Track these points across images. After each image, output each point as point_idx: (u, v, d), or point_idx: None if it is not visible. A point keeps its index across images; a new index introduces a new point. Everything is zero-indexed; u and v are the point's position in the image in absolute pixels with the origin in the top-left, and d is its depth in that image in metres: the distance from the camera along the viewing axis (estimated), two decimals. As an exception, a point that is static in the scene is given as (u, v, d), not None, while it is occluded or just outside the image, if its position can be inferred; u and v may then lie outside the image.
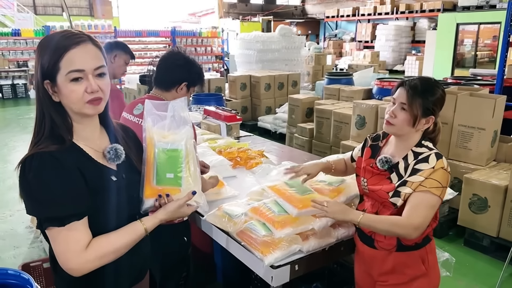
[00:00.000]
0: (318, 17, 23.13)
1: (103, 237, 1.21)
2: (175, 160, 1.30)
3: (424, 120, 1.57)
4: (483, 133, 3.61)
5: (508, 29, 4.81)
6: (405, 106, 1.56)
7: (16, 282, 1.35)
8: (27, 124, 8.38)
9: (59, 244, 1.15)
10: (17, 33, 12.11)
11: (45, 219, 1.14)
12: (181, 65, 2.07)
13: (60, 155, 1.15)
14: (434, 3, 16.00)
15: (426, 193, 1.52)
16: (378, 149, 1.74)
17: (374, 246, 1.68)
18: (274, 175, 2.07)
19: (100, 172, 1.25)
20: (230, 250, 1.86)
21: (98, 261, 1.18)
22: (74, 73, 1.15)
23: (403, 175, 1.58)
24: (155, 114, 1.34)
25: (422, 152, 1.59)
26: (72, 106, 1.19)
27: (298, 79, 8.15)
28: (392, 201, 1.59)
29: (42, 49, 1.18)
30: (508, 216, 3.23)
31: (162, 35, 13.99)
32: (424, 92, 1.55)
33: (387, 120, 1.61)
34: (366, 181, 1.71)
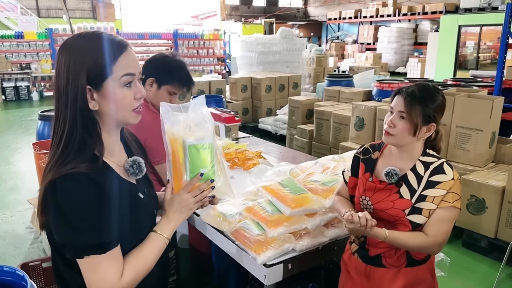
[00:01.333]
0: (320, 19, 23.16)
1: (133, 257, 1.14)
2: (207, 155, 1.28)
3: (425, 128, 1.48)
4: (481, 134, 3.62)
5: (507, 31, 4.82)
6: (403, 115, 1.47)
7: (11, 279, 1.37)
8: (29, 126, 8.43)
9: (98, 274, 1.04)
10: (20, 36, 12.21)
11: (83, 247, 1.03)
12: (151, 61, 2.11)
13: (97, 176, 1.06)
14: (436, 5, 16.00)
15: (450, 208, 1.46)
16: (374, 162, 1.62)
17: (382, 264, 1.58)
18: (269, 175, 2.09)
19: (130, 190, 1.18)
20: (225, 249, 1.88)
21: (134, 282, 1.12)
22: (127, 76, 1.09)
23: (415, 188, 1.49)
24: (173, 114, 1.30)
25: (432, 162, 1.52)
26: (118, 113, 1.11)
27: (299, 81, 8.17)
28: (410, 219, 1.49)
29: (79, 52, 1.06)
30: (505, 217, 3.24)
31: (164, 37, 14.07)
32: (423, 99, 1.47)
33: (386, 130, 1.52)
34: (369, 200, 1.57)
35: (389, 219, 1.53)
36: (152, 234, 1.20)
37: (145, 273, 1.15)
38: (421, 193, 1.48)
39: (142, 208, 1.20)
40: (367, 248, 1.60)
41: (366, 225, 1.43)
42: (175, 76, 2.12)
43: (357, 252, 1.66)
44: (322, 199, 1.82)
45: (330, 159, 2.32)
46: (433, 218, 1.47)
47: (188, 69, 2.19)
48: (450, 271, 3.01)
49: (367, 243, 1.60)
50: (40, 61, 12.24)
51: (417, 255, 1.56)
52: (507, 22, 4.80)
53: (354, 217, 1.45)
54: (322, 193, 1.87)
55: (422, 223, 1.49)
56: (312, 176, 2.06)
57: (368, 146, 1.69)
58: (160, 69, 2.11)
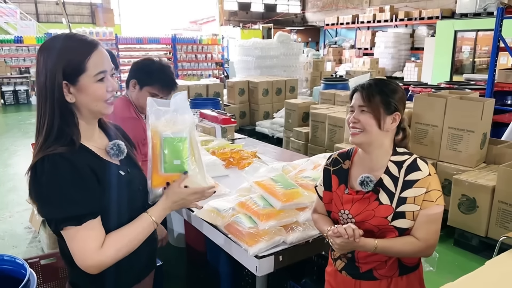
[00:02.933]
0: (318, 24, 23.30)
1: (116, 233, 1.24)
2: (181, 147, 1.36)
3: (390, 118, 1.44)
4: (472, 135, 3.68)
5: (498, 35, 4.90)
6: (364, 108, 1.43)
7: (11, 268, 1.42)
8: (28, 129, 8.49)
9: (76, 243, 1.17)
10: (20, 40, 12.29)
11: (61, 220, 1.15)
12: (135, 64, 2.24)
13: (71, 156, 1.17)
14: (432, 10, 16.11)
15: (435, 207, 1.40)
16: (346, 172, 1.55)
17: (374, 277, 1.51)
18: (262, 172, 2.15)
19: (109, 169, 1.28)
20: (219, 243, 1.94)
21: (115, 256, 1.21)
22: (101, 74, 1.22)
23: (393, 191, 1.42)
24: (157, 109, 1.39)
25: (404, 160, 1.45)
26: (92, 105, 1.23)
27: (295, 85, 8.24)
28: (395, 225, 1.42)
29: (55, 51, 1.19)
30: (496, 216, 3.30)
31: (162, 42, 14.14)
32: (380, 89, 1.44)
33: (352, 128, 1.46)
34: (349, 213, 1.48)
35: (374, 230, 1.44)
36: (142, 214, 1.31)
37: (128, 249, 1.25)
38: (400, 195, 1.41)
39: (124, 184, 1.30)
40: (358, 266, 1.53)
41: (354, 235, 1.36)
42: (155, 78, 2.20)
43: (344, 269, 1.57)
44: (312, 194, 1.88)
45: (322, 157, 2.39)
46: (419, 221, 1.41)
47: (171, 72, 2.26)
48: (442, 269, 3.08)
49: (356, 260, 1.52)
50: (39, 65, 12.28)
51: (409, 261, 1.50)
52: (498, 26, 4.89)
53: (340, 229, 1.38)
54: (313, 189, 1.93)
55: (408, 227, 1.42)
56: (303, 172, 2.13)
57: (336, 155, 1.61)
58: (141, 71, 2.22)
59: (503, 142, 4.08)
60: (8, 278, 1.46)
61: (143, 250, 1.34)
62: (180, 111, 1.40)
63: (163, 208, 1.34)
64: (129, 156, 1.38)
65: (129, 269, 1.34)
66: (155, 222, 1.32)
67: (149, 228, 1.31)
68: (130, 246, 1.26)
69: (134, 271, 1.38)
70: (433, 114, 3.93)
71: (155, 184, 1.37)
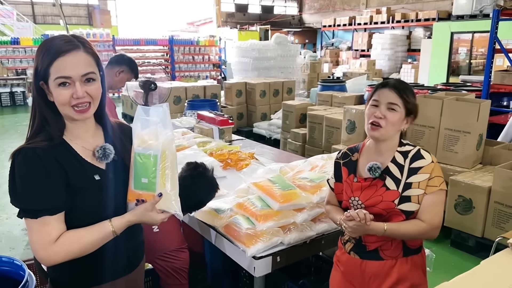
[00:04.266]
0: (315, 26, 23.35)
1: (72, 233, 1.26)
2: (149, 166, 1.30)
3: (409, 119, 1.57)
4: (469, 136, 3.70)
5: (494, 37, 4.93)
6: (393, 106, 1.52)
7: (9, 269, 1.42)
8: (25, 131, 8.29)
9: (32, 235, 1.23)
10: (16, 42, 12.26)
11: (21, 210, 1.23)
12: None
13: (43, 151, 1.22)
14: (429, 12, 16.19)
15: (439, 192, 1.53)
16: (355, 164, 1.66)
17: (380, 257, 1.60)
18: (260, 173, 2.16)
19: (84, 170, 1.30)
20: (217, 245, 1.95)
21: (65, 256, 1.24)
22: (60, 79, 1.22)
23: (399, 178, 1.54)
24: (144, 119, 1.35)
25: (409, 150, 1.57)
26: (60, 108, 1.25)
27: (293, 86, 8.26)
28: (402, 209, 1.53)
29: (38, 53, 1.26)
30: (492, 217, 3.32)
31: (160, 43, 14.15)
32: (409, 90, 1.56)
33: (375, 123, 1.53)
34: (358, 199, 1.60)
35: (382, 213, 1.55)
36: (104, 222, 1.29)
37: (80, 252, 1.25)
38: (406, 181, 1.54)
39: (94, 189, 1.30)
40: (364, 245, 1.62)
41: (365, 218, 1.48)
42: None
43: (352, 250, 1.66)
44: (310, 195, 1.89)
45: (319, 158, 2.40)
46: (425, 204, 1.53)
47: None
48: (439, 270, 3.09)
49: (363, 240, 1.62)
50: (36, 67, 12.27)
51: (413, 244, 1.60)
52: (493, 28, 4.92)
53: (352, 213, 1.50)
54: (310, 189, 1.95)
55: (414, 210, 1.53)
56: (301, 173, 2.14)
57: (346, 150, 1.73)
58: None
59: (499, 143, 4.11)
60: (6, 279, 1.46)
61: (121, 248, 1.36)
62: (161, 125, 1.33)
63: (128, 221, 1.31)
64: (121, 162, 1.37)
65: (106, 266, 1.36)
66: (114, 232, 1.29)
67: (107, 236, 1.29)
68: (83, 250, 1.26)
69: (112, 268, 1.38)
70: (430, 115, 3.95)
71: (129, 199, 1.35)
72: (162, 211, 1.33)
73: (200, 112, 3.95)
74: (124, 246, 1.38)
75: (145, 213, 1.30)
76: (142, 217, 1.31)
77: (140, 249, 1.53)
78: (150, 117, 1.34)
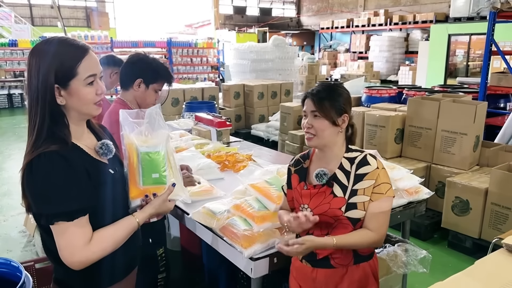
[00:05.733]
0: (313, 28, 23.42)
1: (103, 231, 1.30)
2: (158, 161, 1.41)
3: (340, 120, 1.57)
4: (465, 138, 3.72)
5: (490, 39, 4.96)
6: (317, 113, 1.55)
7: (6, 270, 1.42)
8: (22, 133, 8.46)
9: (65, 239, 1.21)
10: (14, 44, 12.26)
11: (54, 215, 1.19)
12: (133, 62, 2.19)
13: (66, 153, 1.23)
14: (426, 14, 16.26)
15: (384, 199, 1.53)
16: (305, 171, 1.67)
17: (330, 265, 1.60)
18: (257, 175, 2.17)
19: (99, 167, 1.34)
20: (214, 246, 1.95)
21: (101, 253, 1.27)
22: (91, 77, 1.28)
23: (346, 185, 1.54)
24: (131, 122, 1.44)
25: (355, 156, 1.58)
26: (82, 107, 1.29)
27: (291, 88, 8.27)
28: (349, 216, 1.54)
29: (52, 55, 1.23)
30: (489, 218, 3.33)
31: (158, 45, 14.16)
32: (328, 94, 1.57)
33: (307, 134, 1.59)
34: (308, 206, 1.61)
35: (329, 221, 1.56)
36: (129, 217, 1.38)
37: (113, 248, 1.31)
38: (352, 188, 1.54)
39: (114, 182, 1.37)
40: (315, 252, 1.61)
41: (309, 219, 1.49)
42: (162, 75, 2.21)
43: (304, 257, 1.66)
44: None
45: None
46: (370, 212, 1.53)
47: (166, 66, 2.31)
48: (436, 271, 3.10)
49: None
50: (34, 69, 12.26)
51: (363, 251, 1.61)
52: (490, 30, 4.95)
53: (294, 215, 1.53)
54: (307, 191, 1.95)
55: (360, 217, 1.54)
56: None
57: (298, 157, 1.75)
58: (146, 69, 2.19)
59: (496, 144, 4.12)
60: (3, 281, 1.46)
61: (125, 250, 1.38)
62: (155, 124, 1.45)
63: (149, 213, 1.40)
64: (116, 156, 1.44)
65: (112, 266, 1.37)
66: (139, 225, 1.38)
67: (134, 229, 1.37)
68: (115, 245, 1.32)
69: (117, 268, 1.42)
70: (427, 117, 3.96)
71: (133, 196, 1.42)
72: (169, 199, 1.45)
73: (198, 114, 3.95)
74: (125, 248, 1.39)
75: (162, 204, 1.41)
76: (160, 208, 1.41)
77: (138, 252, 1.56)
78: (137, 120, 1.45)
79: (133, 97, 2.22)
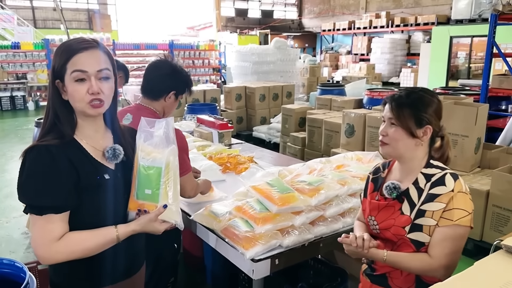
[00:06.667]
0: (315, 30, 23.44)
1: (76, 234, 1.27)
2: (153, 177, 1.35)
3: (421, 131, 1.41)
4: (467, 140, 3.72)
5: (492, 41, 4.97)
6: (393, 121, 1.43)
7: (10, 271, 1.44)
8: (25, 135, 8.49)
9: (35, 231, 1.25)
10: (17, 46, 12.29)
11: (27, 206, 1.25)
12: (168, 74, 2.12)
13: (56, 149, 1.24)
14: (428, 16, 16.27)
15: (453, 227, 1.34)
16: (382, 181, 1.55)
17: (388, 284, 1.49)
18: (259, 177, 2.18)
19: (95, 169, 1.32)
20: (215, 247, 1.96)
21: (66, 255, 1.25)
22: (77, 72, 1.25)
23: (416, 203, 1.40)
24: (148, 131, 1.40)
25: (434, 173, 1.41)
26: (75, 104, 1.28)
27: (292, 90, 8.29)
28: (411, 238, 1.40)
29: (56, 52, 1.30)
30: (490, 220, 3.33)
31: (160, 48, 14.19)
32: (411, 102, 1.43)
33: (381, 140, 1.47)
34: (375, 219, 1.49)
35: (393, 239, 1.44)
36: (110, 227, 1.32)
37: (82, 254, 1.27)
38: (420, 207, 1.39)
39: (104, 188, 1.33)
40: (374, 268, 1.54)
41: (363, 246, 1.39)
42: (190, 86, 2.22)
43: (365, 271, 1.60)
44: (308, 198, 1.91)
45: (317, 161, 2.42)
46: (435, 238, 1.36)
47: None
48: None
49: (374, 262, 1.54)
50: (36, 71, 12.32)
51: (428, 279, 1.41)
52: (491, 33, 4.96)
53: (351, 238, 1.42)
54: (308, 193, 1.96)
55: (425, 241, 1.38)
56: (299, 177, 2.15)
57: (380, 165, 1.63)
58: (180, 81, 2.17)
59: (497, 147, 4.12)
60: (7, 281, 1.48)
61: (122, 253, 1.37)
62: (165, 137, 1.38)
63: (133, 230, 1.35)
64: (129, 163, 1.40)
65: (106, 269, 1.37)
66: (118, 238, 1.32)
67: (111, 242, 1.31)
68: (86, 252, 1.28)
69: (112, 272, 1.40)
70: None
71: (130, 207, 1.39)
72: (163, 221, 1.37)
73: (199, 116, 3.97)
74: (124, 251, 1.39)
75: (149, 223, 1.35)
76: (146, 227, 1.35)
77: (140, 254, 1.54)
78: (154, 130, 1.39)
79: (162, 107, 2.16)
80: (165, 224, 1.38)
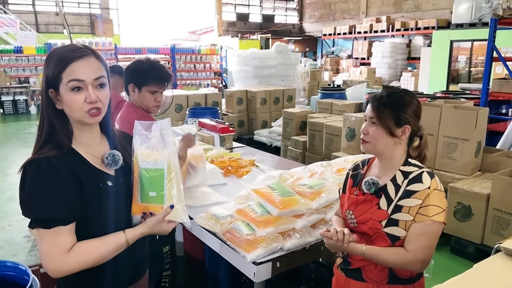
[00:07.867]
0: (316, 35, 23.49)
1: (86, 243, 1.26)
2: (157, 180, 1.35)
3: (399, 131, 1.47)
4: (467, 143, 3.74)
5: (492, 45, 4.99)
6: (374, 120, 1.48)
7: (14, 274, 1.45)
8: (27, 138, 8.52)
9: (43, 245, 1.22)
10: (19, 50, 12.37)
11: (33, 220, 1.22)
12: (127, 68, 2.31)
13: (57, 161, 1.22)
14: (428, 20, 16.30)
15: (430, 223, 1.39)
16: (361, 177, 1.61)
17: (362, 278, 1.54)
18: (260, 180, 2.19)
19: (97, 177, 1.31)
20: (217, 250, 1.97)
21: (78, 265, 1.24)
22: (74, 82, 1.22)
23: (393, 198, 1.45)
24: (143, 134, 1.39)
25: (411, 171, 1.47)
26: (73, 114, 1.26)
27: (293, 94, 8.31)
28: (387, 232, 1.45)
29: (48, 61, 1.26)
30: (491, 223, 3.34)
31: (161, 52, 14.26)
32: (391, 102, 1.48)
33: (362, 138, 1.53)
34: (352, 213, 1.55)
35: (369, 232, 1.50)
36: (118, 233, 1.32)
37: (93, 263, 1.27)
38: (397, 203, 1.44)
39: (110, 195, 1.32)
40: (349, 261, 1.59)
41: (343, 240, 1.44)
42: (149, 76, 2.24)
43: (340, 265, 1.65)
44: (309, 201, 1.92)
45: (318, 165, 2.43)
46: (411, 232, 1.42)
47: (161, 66, 2.31)
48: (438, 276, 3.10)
49: (349, 256, 1.59)
50: (38, 75, 12.37)
51: (401, 273, 1.50)
52: (491, 37, 4.97)
53: (332, 232, 1.47)
54: (309, 196, 1.97)
55: (400, 236, 1.44)
56: (300, 180, 2.17)
57: (359, 162, 1.69)
58: (135, 73, 2.27)
59: (497, 150, 4.14)
60: (11, 284, 1.49)
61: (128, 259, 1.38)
62: (163, 139, 1.38)
63: (141, 233, 1.35)
64: (128, 167, 1.40)
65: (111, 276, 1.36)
66: (127, 243, 1.32)
67: (121, 247, 1.31)
68: (97, 260, 1.27)
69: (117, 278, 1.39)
70: (428, 122, 3.98)
71: (134, 212, 1.38)
72: (169, 221, 1.37)
73: (201, 120, 3.99)
74: (130, 257, 1.39)
75: (157, 224, 1.34)
76: (154, 229, 1.35)
77: (145, 260, 1.55)
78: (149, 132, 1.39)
79: (135, 100, 2.31)
80: (172, 224, 1.38)
